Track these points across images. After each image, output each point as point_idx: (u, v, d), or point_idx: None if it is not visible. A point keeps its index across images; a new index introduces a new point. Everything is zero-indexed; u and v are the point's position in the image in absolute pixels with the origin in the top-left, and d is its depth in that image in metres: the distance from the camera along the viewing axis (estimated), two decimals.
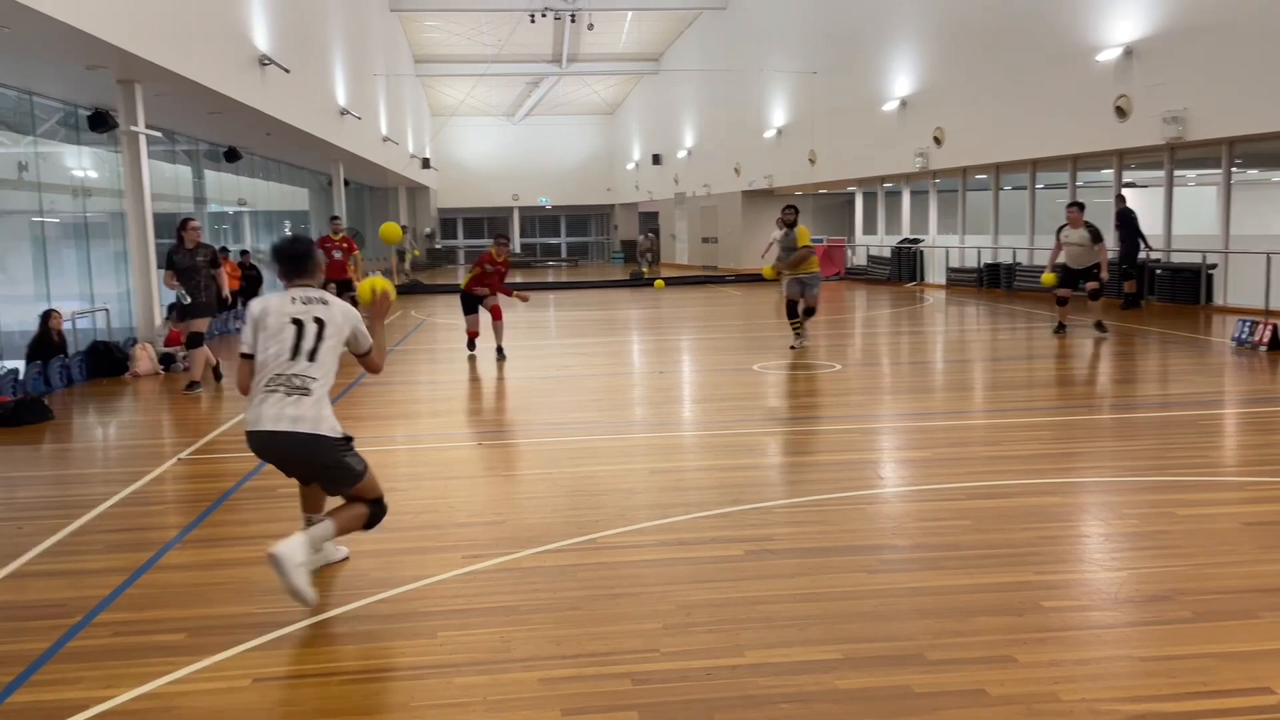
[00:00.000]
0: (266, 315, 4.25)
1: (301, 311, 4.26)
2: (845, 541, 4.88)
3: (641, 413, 8.79)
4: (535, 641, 3.76)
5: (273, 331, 4.22)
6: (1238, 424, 7.67)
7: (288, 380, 4.15)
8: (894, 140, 23.09)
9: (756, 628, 3.83)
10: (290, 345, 4.19)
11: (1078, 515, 5.27)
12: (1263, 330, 11.01)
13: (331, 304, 4.35)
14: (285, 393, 4.14)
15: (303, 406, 4.14)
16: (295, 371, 4.17)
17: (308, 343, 4.20)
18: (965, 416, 8.13)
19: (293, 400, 4.14)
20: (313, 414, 4.17)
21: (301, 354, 4.19)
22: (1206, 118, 14.82)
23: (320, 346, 4.23)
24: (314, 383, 4.20)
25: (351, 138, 22.95)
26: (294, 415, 4.13)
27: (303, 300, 4.30)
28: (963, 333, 14.80)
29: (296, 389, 4.15)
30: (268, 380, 4.17)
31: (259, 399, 4.19)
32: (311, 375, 4.19)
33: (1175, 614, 3.87)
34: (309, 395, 4.16)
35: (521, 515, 5.42)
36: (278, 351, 4.19)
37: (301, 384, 4.16)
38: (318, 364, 4.22)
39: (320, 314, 4.28)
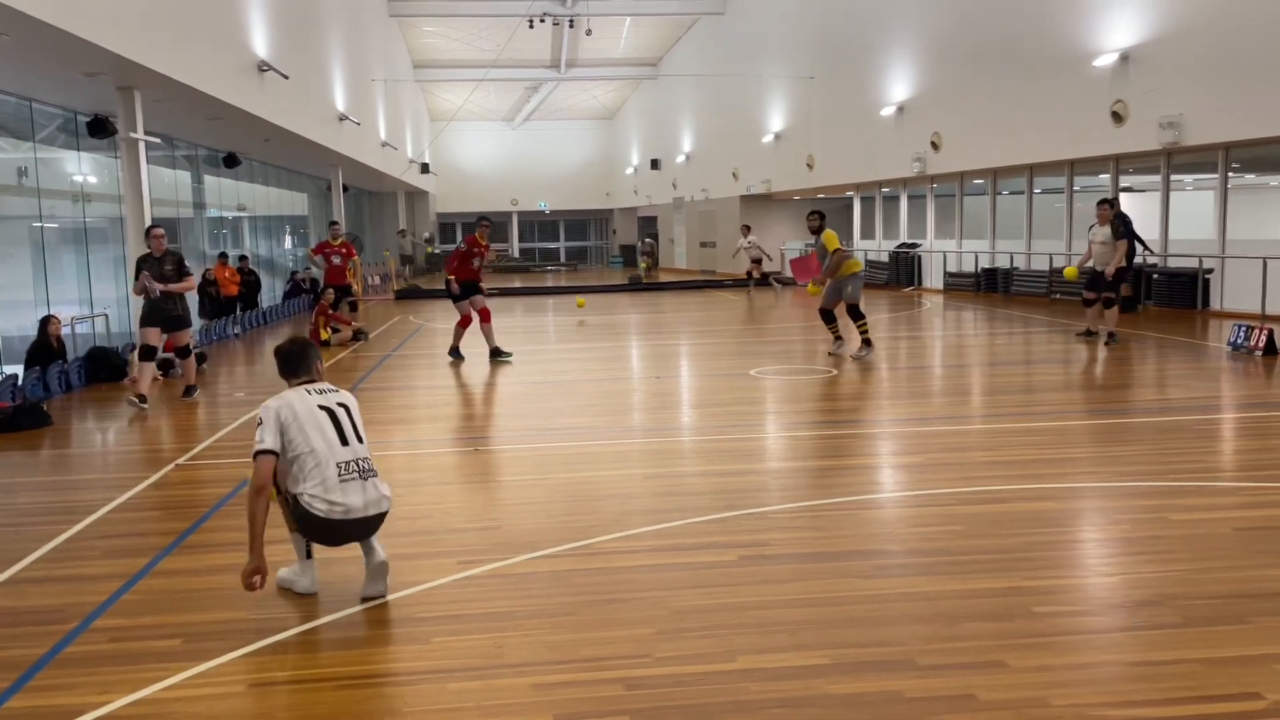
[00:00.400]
0: (293, 411, 4.30)
1: (323, 401, 4.39)
2: (839, 547, 4.90)
3: (638, 418, 8.81)
4: (529, 647, 3.78)
5: (308, 424, 4.28)
6: (1232, 429, 7.70)
7: (357, 465, 4.31)
8: (891, 145, 23.14)
9: (749, 633, 3.86)
10: (335, 433, 4.30)
11: (1071, 520, 5.30)
12: (1258, 335, 11.05)
13: (339, 390, 4.53)
14: (361, 477, 4.30)
15: (381, 487, 4.39)
16: (358, 456, 4.33)
17: (349, 428, 4.36)
18: (962, 421, 8.16)
19: (371, 483, 4.34)
20: (385, 490, 4.43)
21: (350, 439, 4.33)
22: (1202, 123, 14.87)
23: (359, 428, 4.42)
24: (371, 462, 4.43)
25: (350, 143, 23.00)
26: (378, 497, 4.35)
27: (317, 391, 4.43)
28: (960, 337, 14.84)
29: (369, 471, 4.35)
30: (337, 469, 4.26)
31: (338, 489, 4.23)
32: (367, 455, 4.40)
33: (1165, 619, 3.89)
34: (377, 474, 4.41)
35: (517, 521, 5.44)
36: (327, 442, 4.27)
37: (369, 465, 4.37)
38: (365, 444, 4.41)
39: (341, 399, 4.45)
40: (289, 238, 28.42)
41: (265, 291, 22.58)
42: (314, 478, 4.21)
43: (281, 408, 4.29)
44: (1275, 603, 4.01)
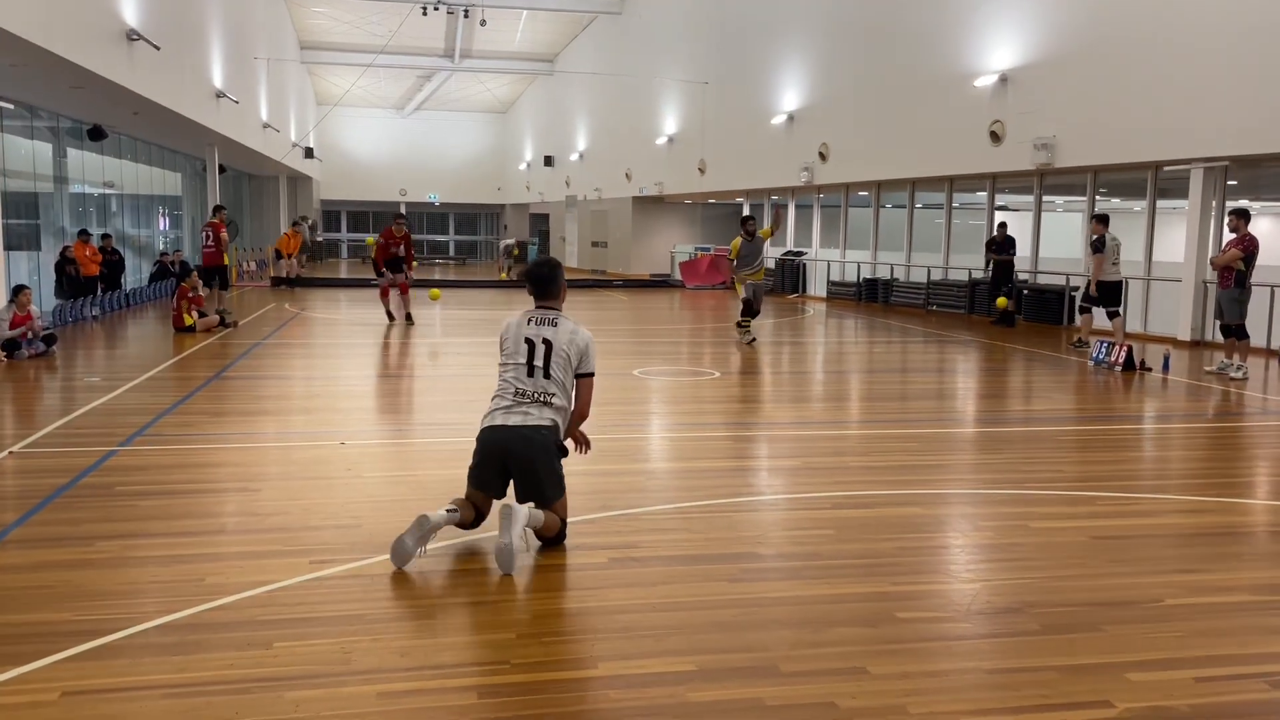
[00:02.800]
0: (509, 330, 4.85)
1: (530, 332, 4.78)
2: (710, 550, 4.82)
3: None
4: (378, 653, 3.57)
5: (513, 347, 4.78)
6: (1091, 440, 7.96)
7: (531, 395, 4.69)
8: (781, 153, 23.46)
9: (613, 638, 3.73)
10: (525, 361, 4.72)
11: (937, 526, 5.35)
12: (1118, 351, 11.52)
13: (558, 325, 4.81)
14: (533, 402, 4.68)
15: (545, 413, 4.67)
16: (537, 389, 4.70)
17: (540, 360, 4.72)
18: (839, 426, 8.23)
19: (538, 409, 4.67)
20: (548, 417, 4.69)
21: (537, 372, 4.70)
22: (1073, 146, 15.48)
23: (551, 364, 4.72)
24: (554, 398, 4.72)
25: (228, 122, 22.05)
26: (537, 415, 4.66)
27: (536, 321, 4.81)
28: (841, 345, 15.08)
29: (539, 402, 4.68)
30: (515, 395, 4.70)
31: (501, 412, 4.69)
32: (550, 390, 4.71)
33: (1024, 626, 3.93)
34: (549, 406, 4.69)
35: (379, 519, 5.20)
36: (516, 368, 4.74)
37: (545, 398, 4.70)
38: (552, 379, 4.71)
39: (547, 335, 4.77)
40: (163, 218, 27.10)
41: (130, 273, 21.45)
42: (499, 392, 4.76)
43: (505, 329, 4.88)
44: (1128, 611, 4.09)
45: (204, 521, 5.14)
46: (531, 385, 4.70)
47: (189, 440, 7.19)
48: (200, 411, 8.28)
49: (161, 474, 6.16)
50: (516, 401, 4.68)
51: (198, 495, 5.68)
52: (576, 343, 4.79)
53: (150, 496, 5.58)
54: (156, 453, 6.74)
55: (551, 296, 4.93)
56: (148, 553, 4.61)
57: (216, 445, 7.12)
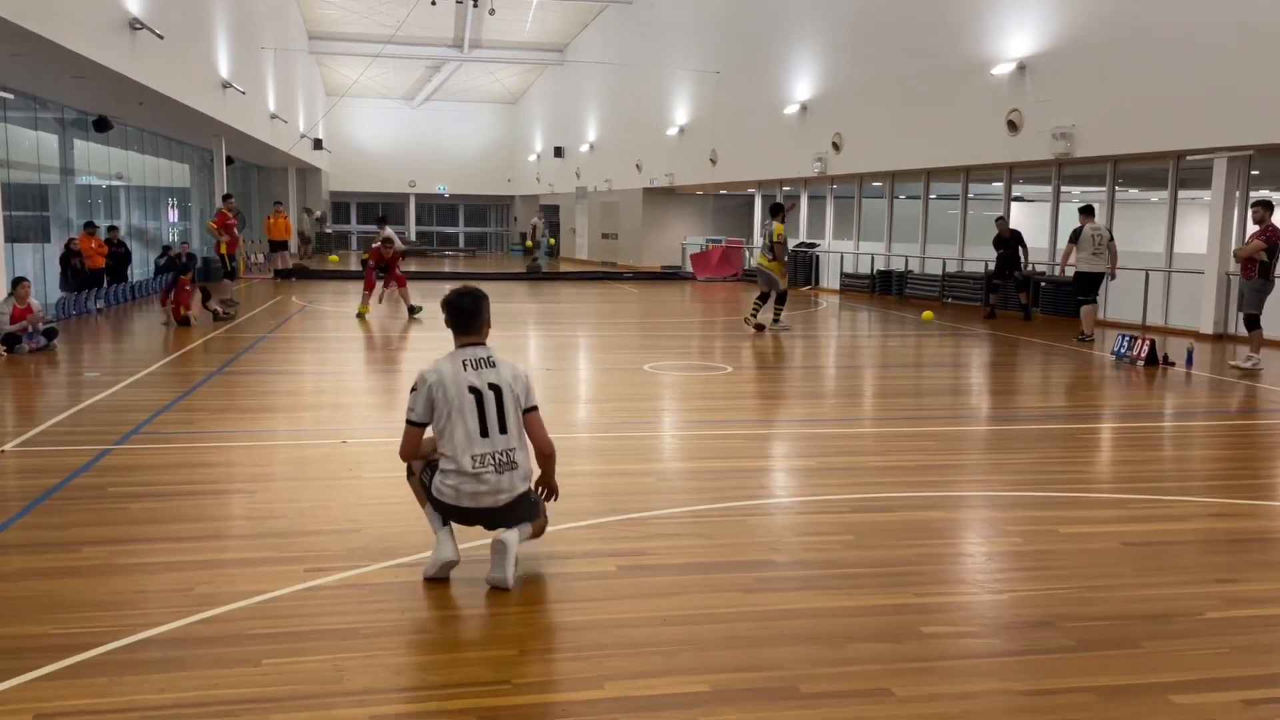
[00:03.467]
0: (444, 388, 4.12)
1: (475, 380, 4.15)
2: (723, 557, 4.60)
3: None
4: (372, 671, 3.37)
5: (455, 405, 4.11)
6: (1117, 439, 7.71)
7: (494, 458, 4.13)
8: (794, 144, 23.17)
9: (621, 655, 3.52)
10: (476, 421, 4.11)
11: (960, 531, 5.12)
12: (1140, 345, 11.25)
13: (497, 365, 4.23)
14: (497, 471, 4.12)
15: (514, 478, 4.18)
16: (497, 449, 4.14)
17: (492, 415, 4.13)
18: (854, 424, 8.00)
19: (508, 476, 4.15)
20: (520, 482, 4.22)
21: (492, 429, 4.12)
22: (1092, 135, 15.17)
23: (505, 415, 4.16)
24: (515, 454, 4.19)
25: (235, 113, 21.87)
26: (509, 487, 4.17)
27: (474, 364, 4.18)
28: (854, 338, 14.82)
29: (507, 465, 4.15)
30: (472, 461, 4.11)
31: (464, 480, 4.11)
32: (511, 447, 4.18)
33: (1057, 642, 3.70)
34: (517, 469, 4.18)
35: (378, 523, 5.00)
36: (467, 431, 4.10)
37: (509, 459, 4.16)
38: (510, 434, 4.17)
39: (495, 379, 4.18)
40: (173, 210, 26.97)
41: (138, 265, 21.33)
42: (448, 465, 4.12)
43: (435, 385, 4.12)
44: (1167, 625, 3.87)
45: (197, 526, 4.94)
46: (489, 447, 4.09)
47: (187, 439, 7.00)
48: (200, 408, 8.10)
49: (156, 474, 5.97)
50: (479, 474, 4.08)
51: (192, 497, 5.49)
52: (520, 378, 4.23)
53: (143, 499, 5.39)
54: (153, 452, 6.56)
55: (477, 330, 4.27)
56: (136, 559, 4.42)
57: (214, 444, 6.93)
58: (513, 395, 4.18)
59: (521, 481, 4.19)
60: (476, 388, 4.11)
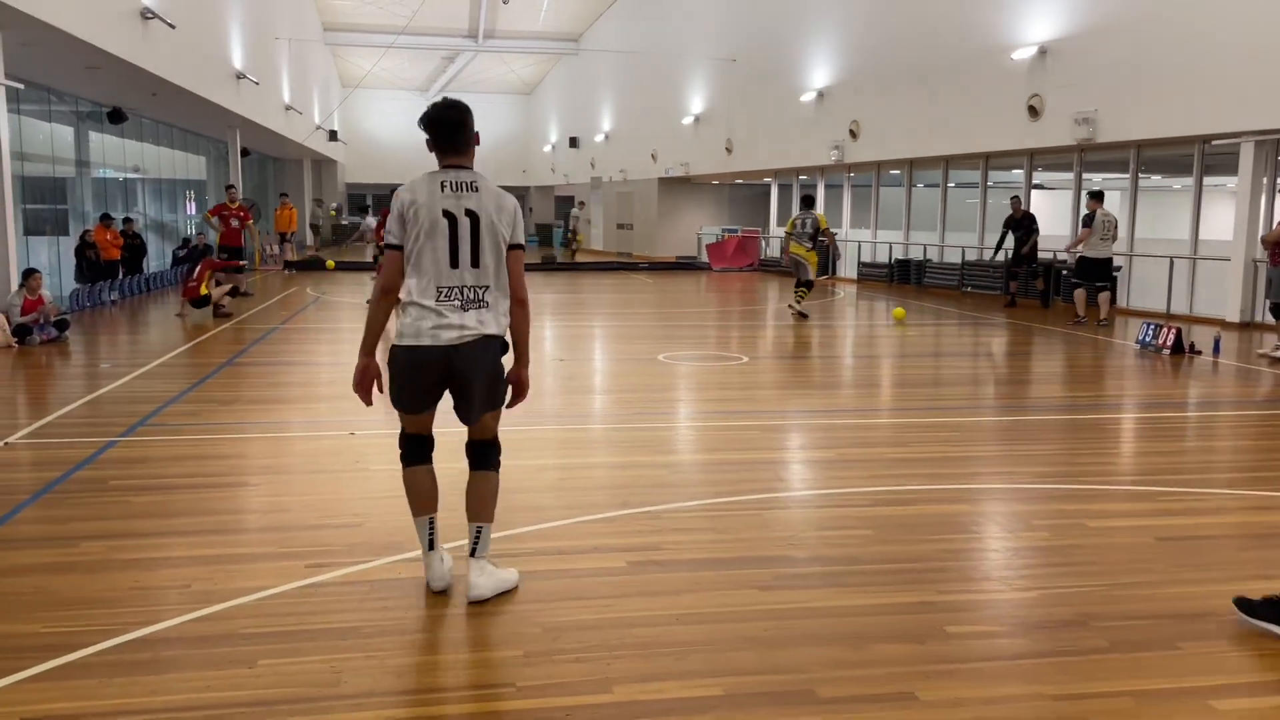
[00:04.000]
0: (417, 207, 3.64)
1: (449, 204, 3.64)
2: (738, 552, 4.44)
3: (534, 403, 8.24)
4: (371, 673, 3.23)
5: (426, 229, 3.62)
6: (1144, 429, 7.50)
7: (461, 293, 3.67)
8: (811, 132, 22.91)
9: (630, 656, 3.37)
10: (447, 248, 3.63)
11: (984, 526, 4.94)
12: (1166, 334, 11.00)
13: (478, 189, 3.70)
14: (463, 306, 3.66)
15: (483, 317, 3.69)
16: (467, 284, 3.67)
17: (465, 245, 3.64)
18: (872, 415, 7.81)
19: (474, 313, 3.68)
20: (491, 324, 3.72)
21: (463, 260, 3.64)
22: (1116, 120, 14.88)
23: (481, 246, 3.66)
24: (488, 293, 3.71)
25: (249, 104, 21.79)
26: (473, 324, 3.68)
27: (452, 187, 3.67)
28: (872, 328, 14.61)
29: (475, 301, 3.68)
30: (437, 293, 3.64)
31: (424, 314, 3.64)
32: (484, 283, 3.70)
33: (1089, 643, 3.52)
34: (486, 308, 3.70)
35: (384, 517, 4.86)
36: (435, 258, 3.63)
37: (480, 295, 3.69)
38: (483, 269, 3.68)
39: (474, 204, 3.67)
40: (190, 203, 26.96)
41: (153, 258, 21.30)
42: (410, 297, 3.68)
43: (408, 204, 3.66)
44: (1204, 624, 3.68)
45: (198, 520, 4.82)
46: (458, 280, 3.63)
47: (193, 430, 6.89)
48: (209, 399, 7.99)
49: (159, 467, 5.86)
50: (444, 305, 3.63)
51: (194, 490, 5.37)
52: (506, 209, 3.72)
53: (145, 492, 5.28)
54: (157, 444, 6.45)
55: (462, 149, 3.74)
56: (133, 555, 4.30)
57: (221, 435, 6.81)
58: (492, 226, 3.66)
59: (493, 326, 3.70)
60: (451, 212, 3.63)
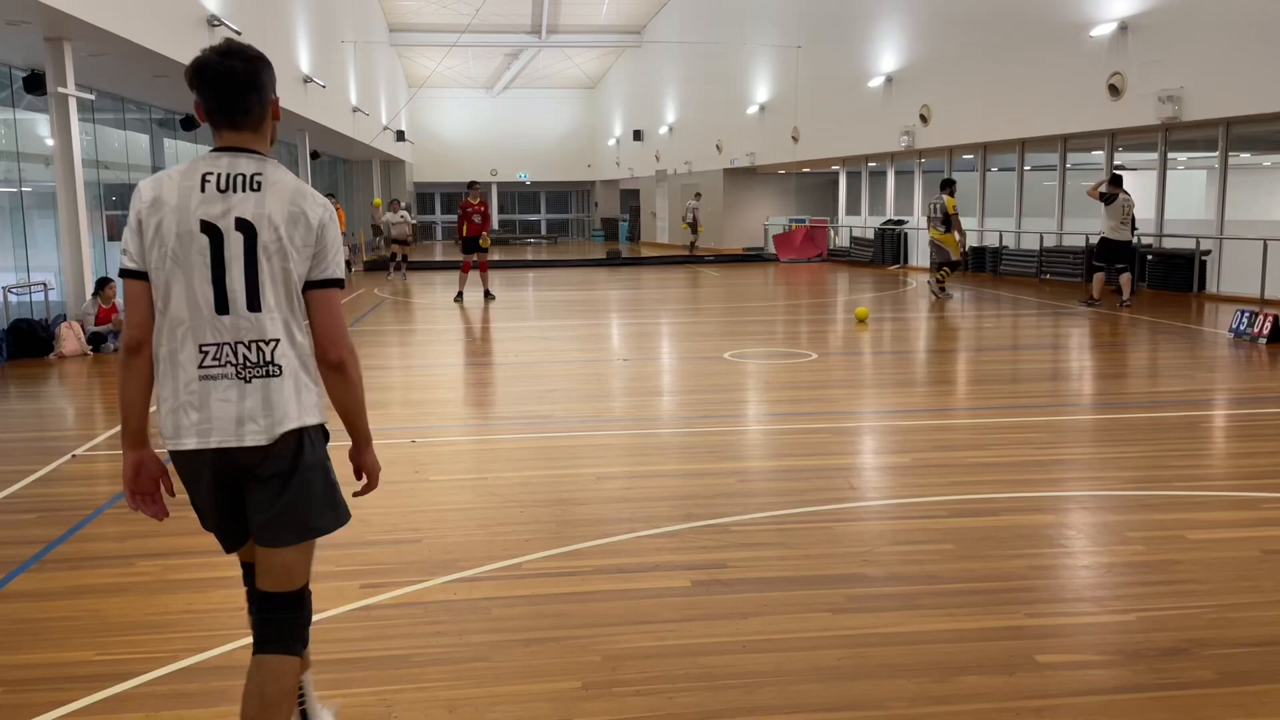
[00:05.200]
0: (161, 215, 2.36)
1: (209, 212, 2.35)
2: (809, 570, 4.21)
3: (596, 407, 8.09)
4: (423, 707, 3.08)
5: (171, 251, 2.35)
6: (1244, 428, 7.05)
7: (233, 351, 2.37)
8: (879, 118, 22.37)
9: (695, 689, 3.17)
10: (209, 282, 2.35)
11: (1074, 539, 4.62)
12: (1263, 322, 10.41)
13: (262, 186, 2.39)
14: (239, 374, 2.38)
15: (276, 395, 2.41)
16: (242, 338, 2.38)
17: (237, 273, 2.36)
18: (949, 415, 7.48)
19: (259, 385, 2.39)
20: (290, 397, 2.44)
21: (236, 299, 2.36)
22: (1204, 97, 14.17)
23: (263, 276, 2.38)
24: (277, 349, 2.40)
25: (317, 107, 22.04)
26: (260, 409, 2.39)
27: (223, 181, 2.38)
28: (946, 320, 14.16)
29: (258, 366, 2.39)
30: (199, 354, 2.37)
31: (194, 389, 2.38)
32: (270, 336, 2.40)
33: (1196, 674, 3.22)
34: (281, 378, 2.41)
35: (441, 532, 4.73)
36: (190, 296, 2.35)
37: (266, 355, 2.40)
38: (267, 311, 2.39)
39: (258, 208, 2.38)
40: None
41: None
42: (163, 365, 2.40)
43: (146, 205, 2.38)
44: None
45: None
46: (229, 333, 2.36)
47: None
48: None
49: None
50: (207, 378, 2.36)
51: None
52: (306, 220, 2.41)
53: None
54: None
55: (244, 120, 2.43)
56: (188, 575, 4.23)
57: None
58: (279, 244, 2.37)
59: (295, 406, 2.42)
60: (212, 224, 2.33)
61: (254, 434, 2.39)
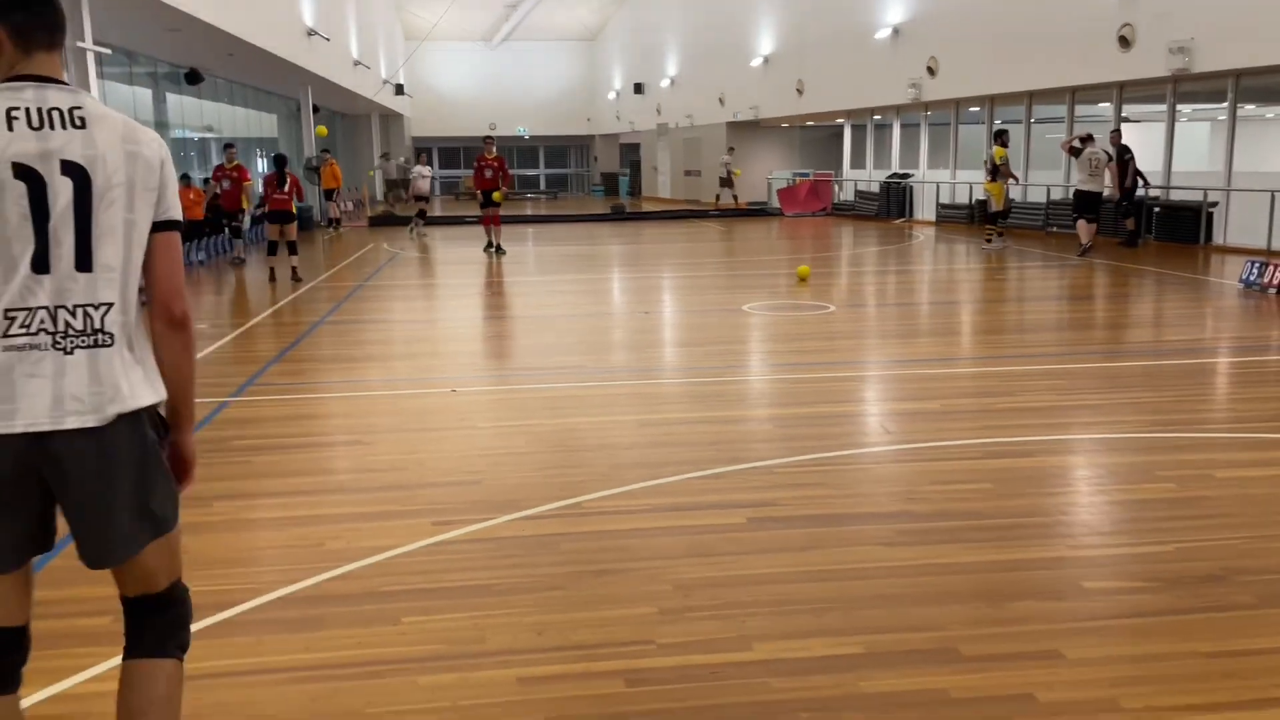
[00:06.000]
0: None
1: (23, 150, 1.97)
2: (856, 508, 4.41)
3: (625, 357, 8.27)
4: (512, 630, 3.28)
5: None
6: (1260, 374, 7.24)
7: (50, 315, 2.00)
8: (885, 70, 22.32)
9: (765, 613, 3.37)
10: (29, 231, 1.98)
11: (1107, 477, 4.82)
12: (1273, 272, 10.58)
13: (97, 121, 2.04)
14: (55, 342, 2.00)
15: (106, 366, 2.03)
16: (64, 301, 2.00)
17: (62, 220, 1.99)
18: (972, 363, 7.67)
19: (81, 359, 2.02)
20: (120, 372, 2.06)
21: (60, 253, 2.00)
22: (1213, 49, 14.21)
23: (93, 221, 2.02)
24: (109, 315, 2.04)
25: (320, 61, 21.93)
26: (84, 387, 2.01)
27: (36, 116, 1.99)
28: (956, 271, 14.31)
29: (84, 333, 2.02)
30: (4, 319, 1.98)
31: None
32: (102, 299, 2.04)
33: (1235, 599, 3.43)
34: (111, 348, 2.04)
35: (499, 474, 4.92)
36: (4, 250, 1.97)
37: (95, 322, 2.03)
38: (101, 270, 2.03)
39: (87, 149, 2.01)
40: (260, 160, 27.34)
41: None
42: None
43: None
44: None
45: (318, 479, 4.93)
46: (48, 295, 1.99)
47: (299, 390, 7.04)
48: (307, 359, 8.15)
49: (274, 426, 6.00)
50: (17, 347, 1.97)
51: (311, 450, 5.49)
52: (146, 159, 2.08)
53: (264, 451, 5.41)
54: (268, 403, 6.60)
55: (61, 38, 2.09)
56: (264, 514, 4.42)
57: (326, 395, 6.95)
58: (118, 190, 2.03)
59: (127, 381, 2.05)
60: (30, 167, 1.97)
61: (77, 415, 1.99)
